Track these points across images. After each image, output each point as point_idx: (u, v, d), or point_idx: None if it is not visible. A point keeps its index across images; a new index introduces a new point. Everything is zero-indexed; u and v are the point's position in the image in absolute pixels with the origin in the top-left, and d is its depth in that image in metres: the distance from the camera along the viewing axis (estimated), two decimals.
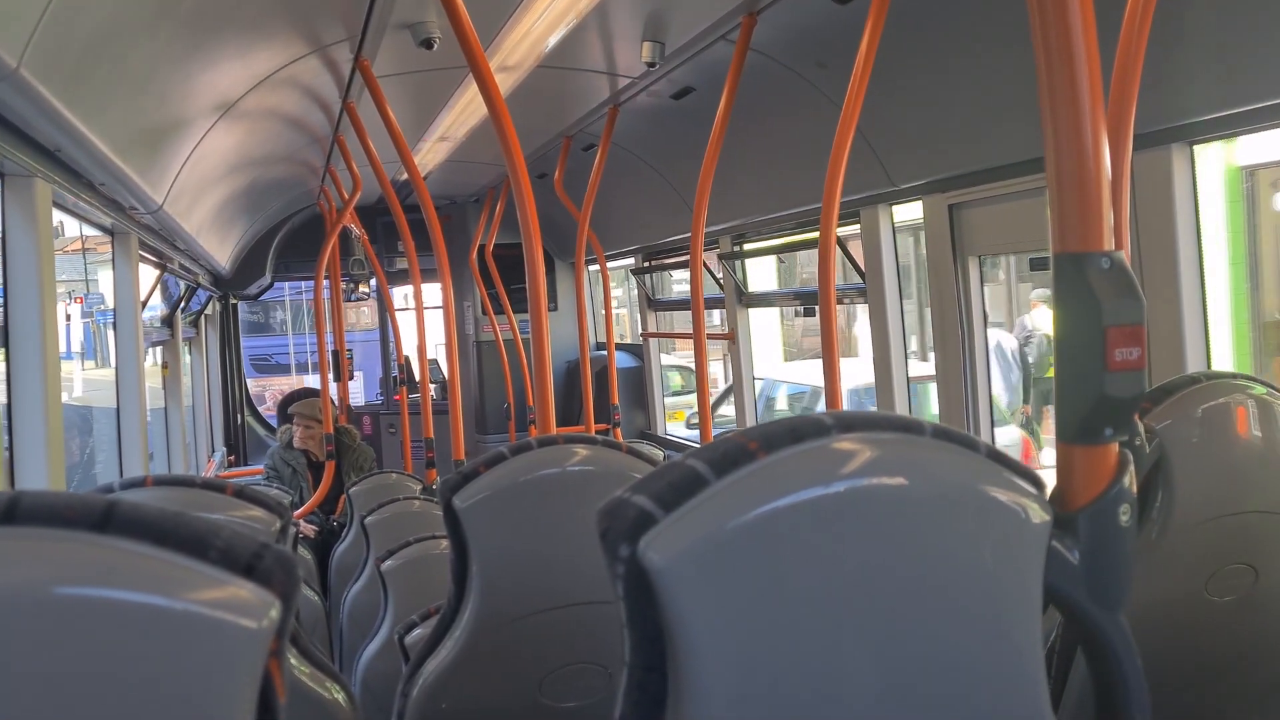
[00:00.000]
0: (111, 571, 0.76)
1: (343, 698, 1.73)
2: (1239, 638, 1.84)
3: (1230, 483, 1.79)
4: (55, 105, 2.43)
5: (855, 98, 2.98)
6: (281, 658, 0.81)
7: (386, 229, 9.16)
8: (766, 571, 0.94)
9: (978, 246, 3.86)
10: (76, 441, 6.01)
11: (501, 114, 2.83)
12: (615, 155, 5.38)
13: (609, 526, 0.95)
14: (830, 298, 3.23)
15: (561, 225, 7.55)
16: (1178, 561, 1.77)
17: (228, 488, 1.86)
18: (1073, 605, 1.12)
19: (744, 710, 0.94)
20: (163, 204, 4.13)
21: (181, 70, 3.30)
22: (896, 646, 0.98)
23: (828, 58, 3.85)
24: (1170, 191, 2.83)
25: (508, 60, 4.16)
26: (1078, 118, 1.11)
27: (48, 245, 2.97)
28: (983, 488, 1.02)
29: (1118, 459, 1.15)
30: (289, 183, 7.16)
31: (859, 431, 1.01)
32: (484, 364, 9.14)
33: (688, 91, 4.70)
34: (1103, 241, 1.12)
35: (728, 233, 5.83)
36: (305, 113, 4.95)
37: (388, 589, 2.91)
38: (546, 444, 1.86)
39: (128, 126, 3.20)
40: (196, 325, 8.26)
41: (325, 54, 3.96)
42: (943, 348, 4.01)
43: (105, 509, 0.78)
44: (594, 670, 1.88)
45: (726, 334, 6.17)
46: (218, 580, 0.79)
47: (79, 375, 6.49)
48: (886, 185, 4.07)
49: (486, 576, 1.81)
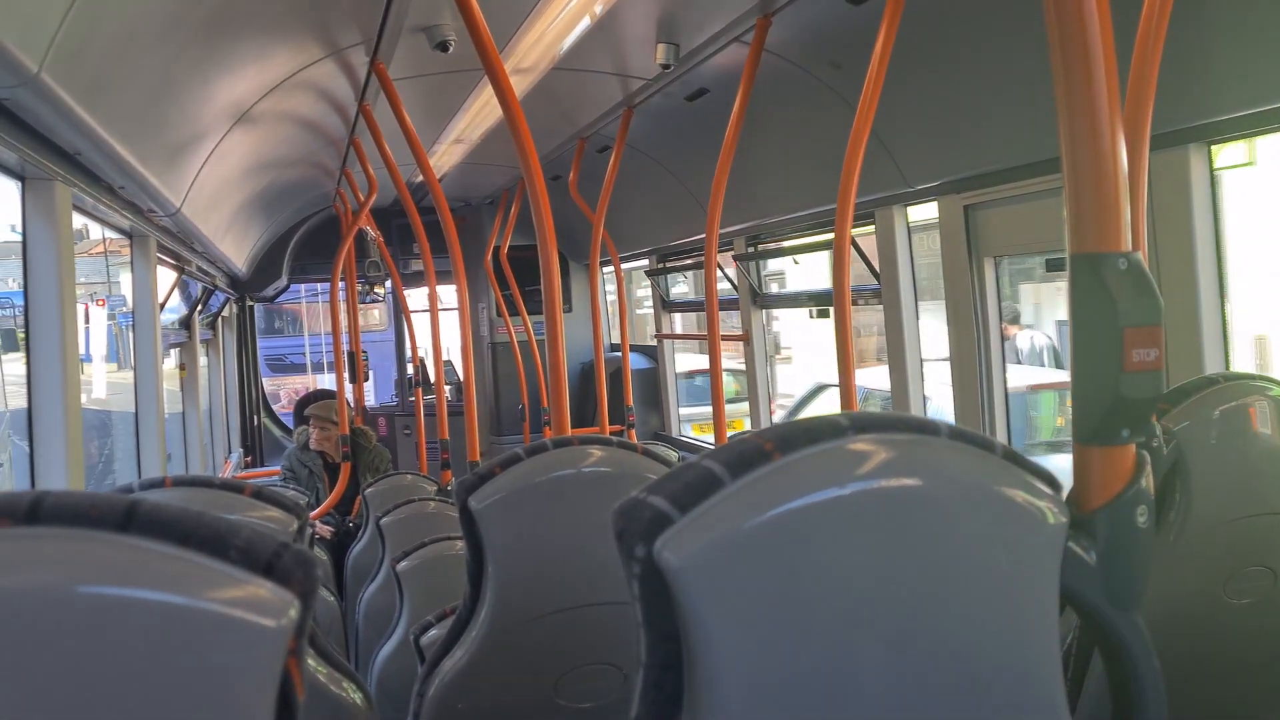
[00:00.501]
0: (134, 571, 0.77)
1: (359, 698, 1.74)
2: (1257, 639, 1.83)
3: (1248, 485, 1.78)
4: (75, 110, 2.45)
5: (870, 98, 2.98)
6: (300, 656, 0.81)
7: (402, 231, 9.19)
8: (782, 572, 0.94)
9: (993, 247, 3.85)
10: (96, 444, 6.04)
11: (516, 116, 2.84)
12: (629, 157, 5.38)
13: (625, 527, 0.95)
14: (845, 299, 3.23)
15: (576, 227, 7.56)
16: (1195, 563, 1.77)
17: (246, 488, 1.87)
18: (1089, 606, 1.12)
19: (759, 709, 0.94)
20: (180, 207, 4.15)
21: (199, 74, 3.32)
22: (912, 647, 0.98)
23: (842, 58, 3.84)
24: (1188, 192, 2.82)
25: (522, 63, 4.17)
26: (1094, 117, 1.10)
27: (68, 248, 2.99)
28: (999, 488, 1.02)
29: (1135, 460, 1.14)
30: (305, 185, 7.19)
31: (874, 432, 1.01)
32: (499, 365, 9.16)
33: (702, 93, 4.70)
34: (1120, 242, 1.12)
35: (742, 234, 5.82)
36: (321, 116, 4.98)
37: (403, 590, 2.92)
38: (561, 445, 1.87)
39: (146, 130, 3.22)
40: (213, 327, 8.31)
41: (341, 57, 3.98)
42: (958, 349, 4.00)
43: (127, 509, 0.79)
44: (610, 670, 1.88)
45: (741, 335, 6.17)
46: (238, 579, 0.80)
47: (103, 377, 6.51)
48: (901, 186, 4.06)
49: (502, 577, 1.81)
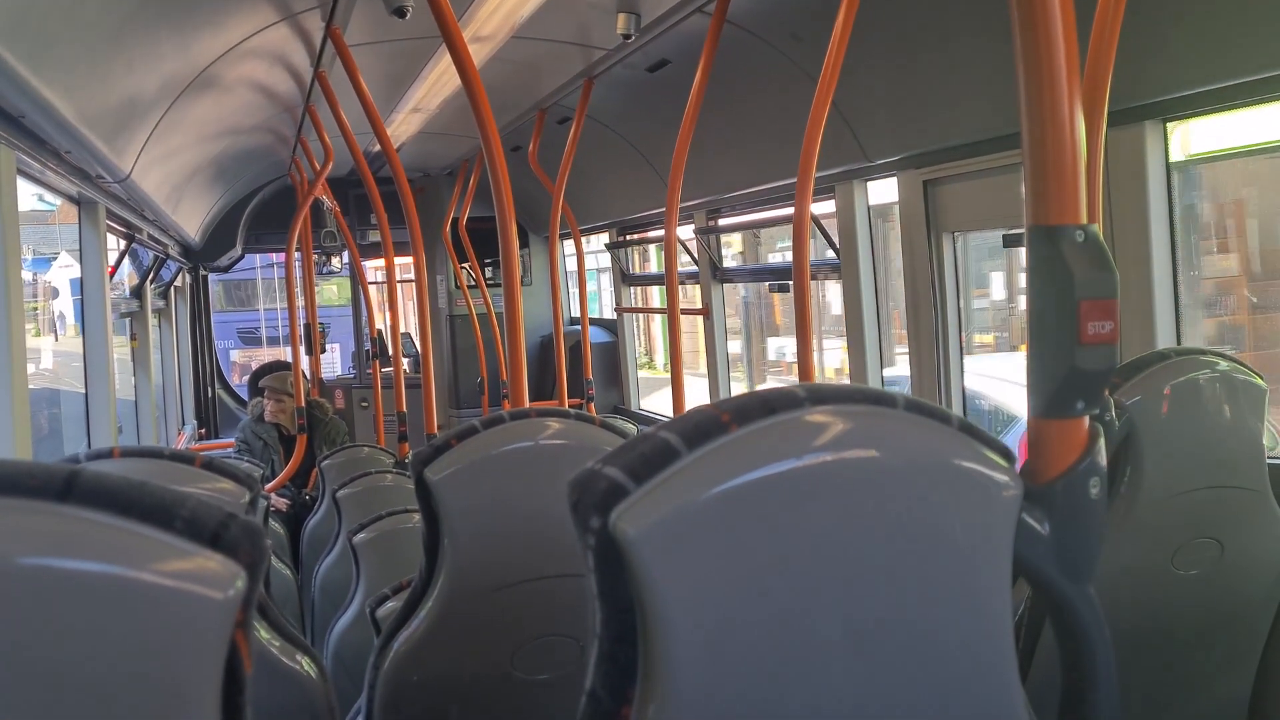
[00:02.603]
0: (73, 542, 0.75)
1: (313, 670, 1.73)
2: (1204, 610, 1.87)
3: (1197, 458, 1.82)
4: (18, 70, 2.38)
5: (831, 72, 2.97)
6: (248, 629, 0.80)
7: (359, 201, 9.07)
8: (738, 543, 0.94)
9: (952, 223, 3.87)
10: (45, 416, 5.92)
11: (475, 85, 2.80)
12: (590, 128, 5.34)
13: (580, 498, 0.94)
14: (805, 274, 3.23)
15: (536, 199, 7.50)
16: (1145, 535, 1.79)
17: (196, 459, 1.84)
18: (1042, 577, 1.13)
19: (715, 681, 0.94)
20: (130, 173, 4.06)
21: (150, 36, 3.24)
22: (867, 617, 0.98)
23: (804, 30, 3.83)
24: (1144, 168, 2.85)
25: (481, 30, 4.11)
26: (1054, 91, 1.10)
27: (11, 214, 2.91)
28: (954, 460, 1.03)
29: (1089, 432, 1.15)
30: (260, 153, 7.06)
31: (831, 404, 1.01)
32: (457, 338, 9.10)
33: (663, 64, 4.67)
34: (1078, 214, 1.12)
35: (703, 207, 5.81)
36: (276, 81, 4.88)
37: (359, 562, 2.90)
38: (519, 417, 1.86)
39: (94, 94, 3.14)
40: (166, 297, 8.17)
41: (296, 21, 3.90)
42: (916, 324, 4.02)
43: (67, 478, 0.77)
44: (566, 643, 1.88)
45: (701, 309, 6.17)
46: (183, 551, 0.78)
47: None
48: (862, 161, 4.06)
49: (458, 549, 1.80)
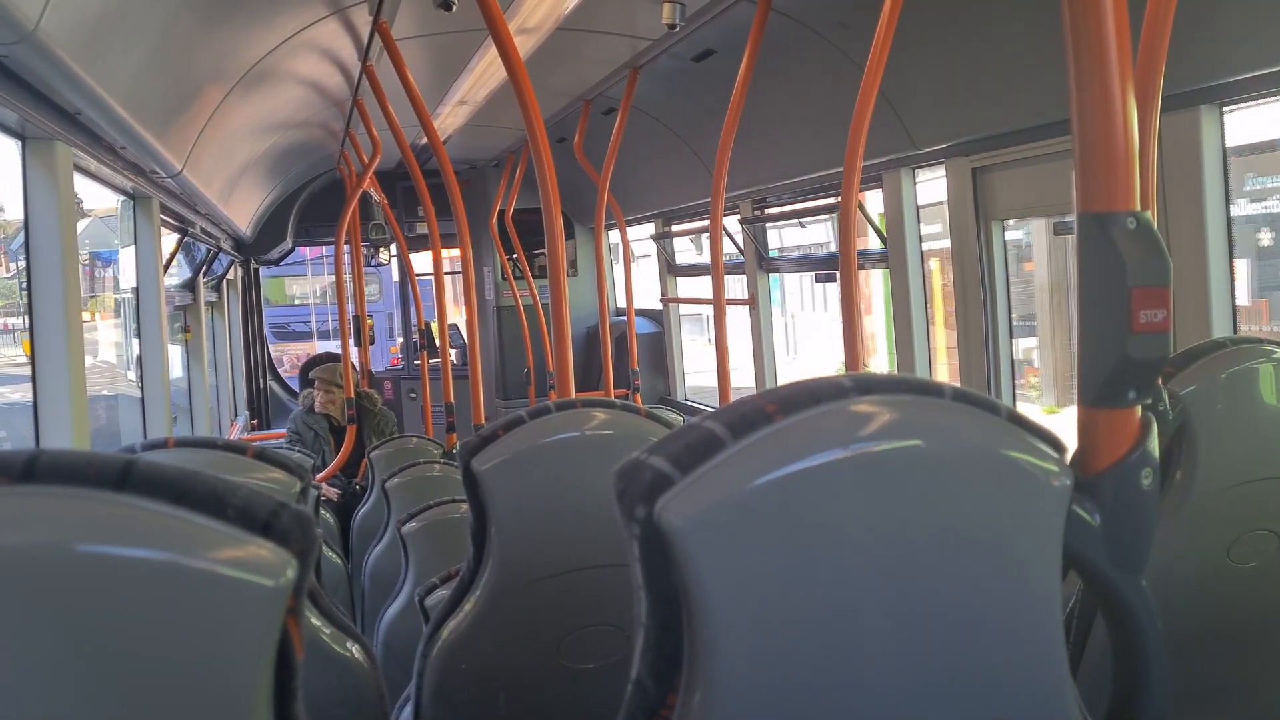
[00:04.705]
0: (129, 530, 0.77)
1: (363, 657, 1.75)
2: (1261, 604, 1.83)
3: (1254, 449, 1.78)
4: (73, 68, 2.43)
5: (878, 59, 2.94)
6: (299, 616, 0.81)
7: (406, 194, 9.15)
8: (784, 533, 0.94)
9: (1001, 210, 3.82)
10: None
11: (520, 77, 2.81)
12: (635, 119, 5.33)
13: (625, 488, 0.94)
14: (852, 263, 3.21)
15: (581, 190, 7.52)
16: (1200, 527, 1.76)
17: (248, 449, 1.86)
18: (1093, 569, 1.11)
19: (760, 671, 0.94)
20: (183, 168, 4.13)
21: (201, 32, 3.28)
22: (914, 609, 0.97)
23: (850, 19, 3.79)
24: (1199, 154, 2.79)
25: (527, 22, 4.13)
26: (1105, 75, 1.08)
27: (68, 208, 2.98)
28: (1003, 450, 1.01)
29: (1140, 422, 1.13)
30: (309, 147, 7.15)
31: (878, 394, 1.00)
32: (504, 329, 9.15)
33: (708, 54, 4.65)
34: (1129, 201, 1.10)
35: (748, 197, 5.79)
36: (325, 76, 4.94)
37: (408, 551, 2.93)
38: (565, 408, 1.86)
39: (147, 89, 3.20)
40: (218, 290, 8.30)
41: (344, 16, 3.93)
42: (965, 312, 3.98)
43: (123, 467, 0.78)
44: (612, 632, 1.89)
45: (747, 300, 6.15)
46: (235, 539, 0.79)
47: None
48: (909, 149, 4.02)
49: (505, 539, 1.82)
